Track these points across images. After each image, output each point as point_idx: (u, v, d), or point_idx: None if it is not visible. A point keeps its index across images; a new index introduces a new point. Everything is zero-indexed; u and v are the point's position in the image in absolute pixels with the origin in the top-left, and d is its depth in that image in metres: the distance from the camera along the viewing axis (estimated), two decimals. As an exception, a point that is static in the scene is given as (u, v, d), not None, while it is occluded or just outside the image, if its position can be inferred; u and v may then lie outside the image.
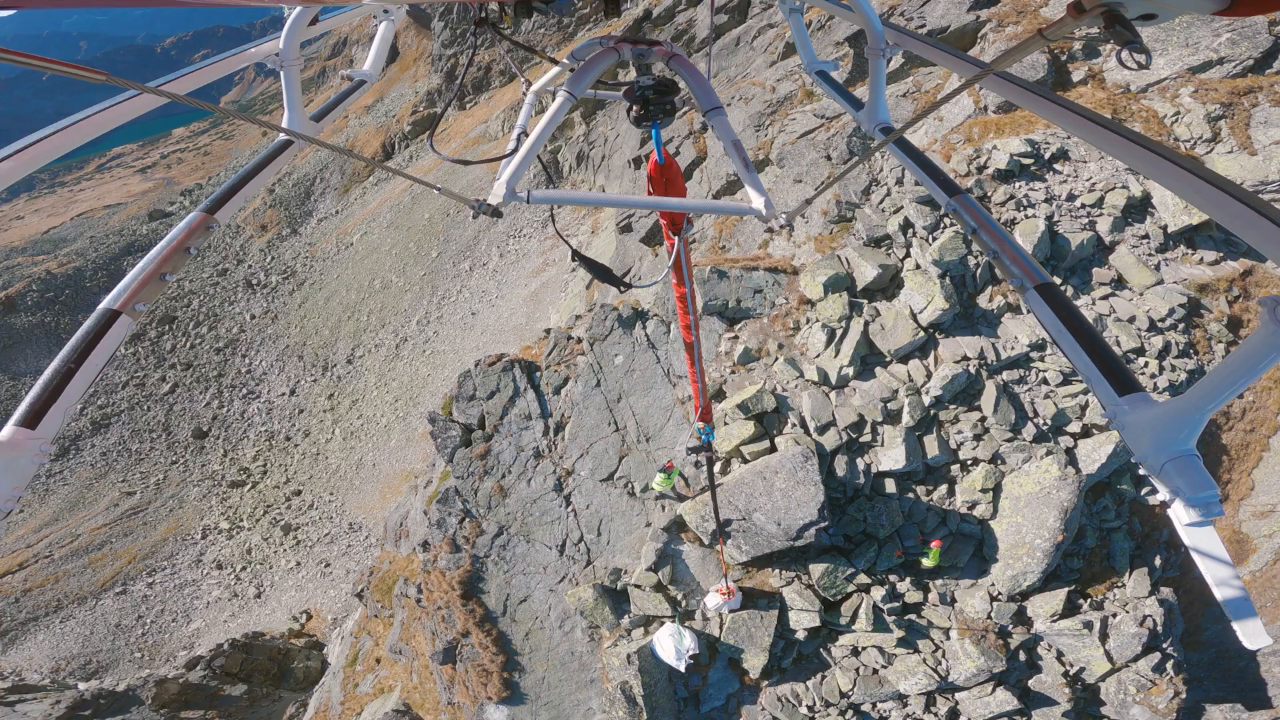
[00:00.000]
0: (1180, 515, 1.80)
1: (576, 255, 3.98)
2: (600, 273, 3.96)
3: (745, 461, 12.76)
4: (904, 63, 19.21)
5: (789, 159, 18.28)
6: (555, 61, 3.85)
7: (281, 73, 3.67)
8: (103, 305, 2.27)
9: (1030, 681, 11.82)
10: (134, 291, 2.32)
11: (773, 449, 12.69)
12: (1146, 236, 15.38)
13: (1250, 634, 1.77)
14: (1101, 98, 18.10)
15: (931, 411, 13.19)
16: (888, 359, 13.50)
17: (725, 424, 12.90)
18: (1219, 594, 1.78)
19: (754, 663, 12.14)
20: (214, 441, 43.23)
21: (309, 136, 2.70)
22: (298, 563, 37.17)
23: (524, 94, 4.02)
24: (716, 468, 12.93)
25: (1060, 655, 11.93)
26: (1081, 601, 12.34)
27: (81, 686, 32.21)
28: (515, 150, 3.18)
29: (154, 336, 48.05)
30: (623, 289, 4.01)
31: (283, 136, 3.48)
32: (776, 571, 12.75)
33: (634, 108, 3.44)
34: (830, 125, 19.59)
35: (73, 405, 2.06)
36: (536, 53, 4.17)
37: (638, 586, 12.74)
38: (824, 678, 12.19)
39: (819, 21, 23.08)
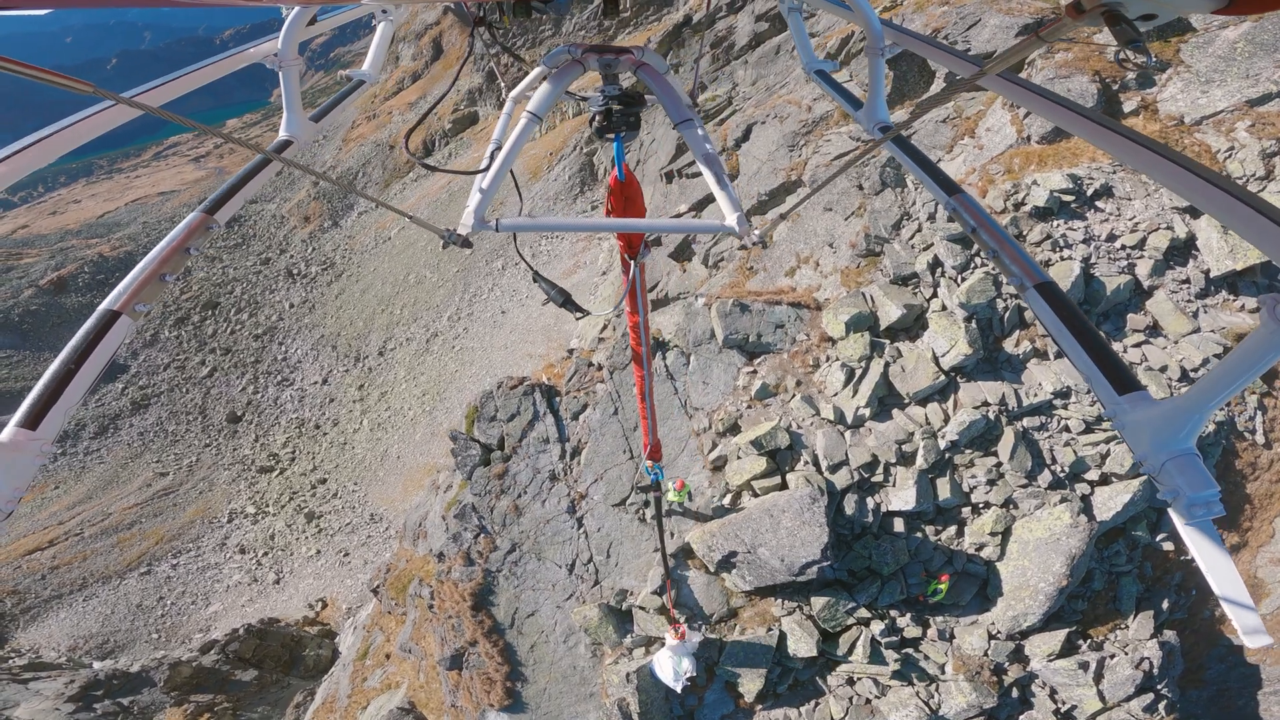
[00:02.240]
0: (1180, 515, 1.81)
1: (537, 277, 4.02)
2: (559, 296, 3.96)
3: (755, 496, 13.38)
4: (945, 87, 19.44)
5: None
6: (534, 64, 3.77)
7: (280, 74, 3.68)
8: (103, 306, 2.32)
9: (1021, 717, 12.31)
10: (134, 292, 2.39)
11: (784, 485, 13.30)
12: (1187, 281, 15.43)
13: (1251, 633, 1.76)
14: (1154, 130, 18.07)
15: (946, 455, 13.62)
16: (906, 401, 13.95)
17: (738, 458, 13.57)
18: (1219, 593, 1.79)
19: (750, 687, 12.81)
20: (247, 426, 45.62)
21: (284, 159, 2.76)
22: (318, 550, 38.82)
23: (503, 98, 3.89)
24: (726, 499, 13.57)
25: (1054, 693, 12.42)
26: (1081, 642, 12.77)
27: (96, 666, 34.10)
28: (488, 167, 3.19)
29: (197, 321, 51.00)
30: (578, 315, 4.35)
31: (282, 137, 3.63)
32: (779, 601, 13.37)
33: (596, 118, 3.38)
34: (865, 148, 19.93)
35: (73, 406, 2.09)
36: (519, 57, 4.15)
37: (642, 608, 13.49)
38: (817, 705, 12.80)
39: (860, 34, 23.39)
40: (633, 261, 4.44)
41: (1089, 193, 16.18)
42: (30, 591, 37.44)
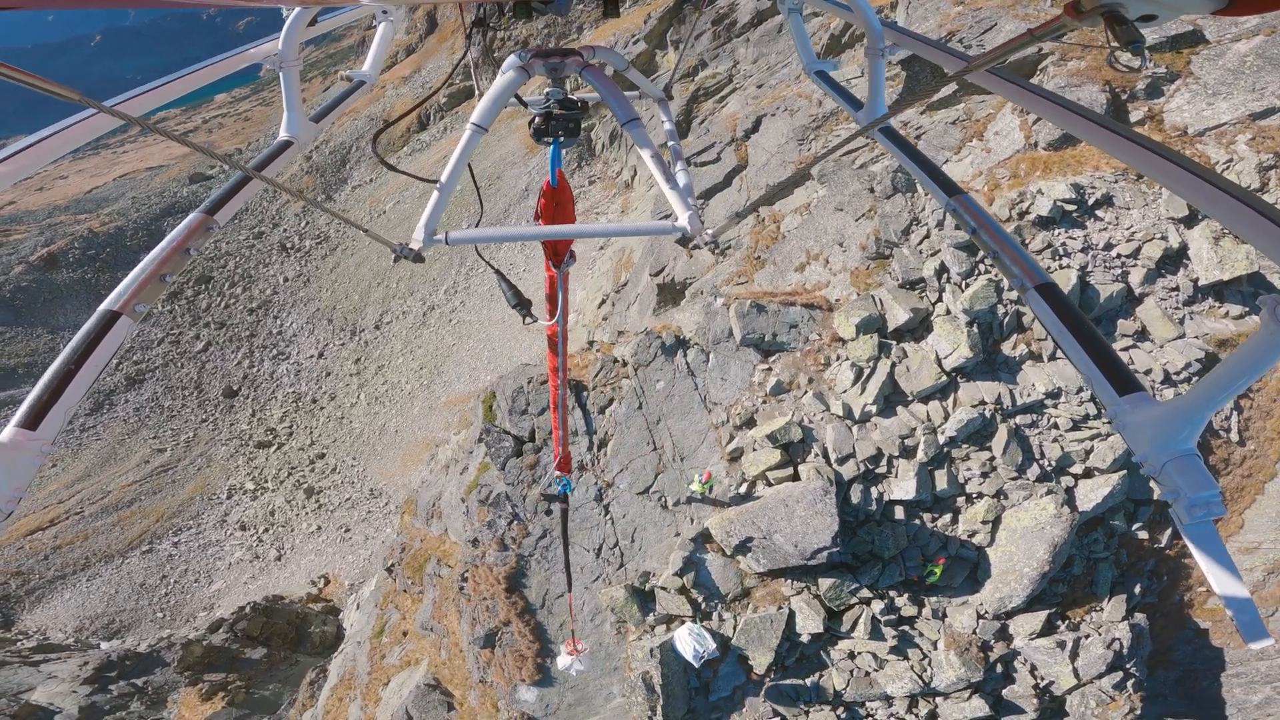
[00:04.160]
0: (1181, 515, 1.88)
1: (501, 277, 4.25)
2: (514, 298, 4.15)
3: (769, 485, 15.31)
4: (956, 89, 20.94)
5: (832, 183, 20.32)
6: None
7: (280, 74, 3.87)
8: (103, 306, 2.43)
9: (1004, 691, 14.58)
10: (134, 292, 2.50)
11: (796, 476, 15.24)
12: (1177, 289, 17.22)
13: (1251, 631, 1.82)
14: (1157, 140, 19.60)
15: (945, 449, 15.57)
16: (910, 399, 15.85)
17: (754, 450, 15.49)
18: (1221, 593, 1.85)
19: (760, 660, 14.87)
20: (243, 401, 47.45)
21: (263, 177, 2.87)
22: (318, 527, 40.77)
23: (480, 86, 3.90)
24: (742, 488, 15.49)
25: (1033, 669, 14.66)
26: (1060, 622, 14.99)
27: (104, 646, 35.98)
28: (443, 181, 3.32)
29: (190, 295, 52.62)
30: (527, 321, 4.27)
31: (282, 138, 3.83)
32: (789, 582, 15.39)
33: (535, 120, 3.46)
34: (875, 146, 21.53)
35: (73, 406, 2.16)
36: (498, 64, 4.57)
37: (664, 589, 15.47)
38: (821, 676, 14.98)
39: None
40: (557, 270, 4.51)
41: (1090, 202, 17.71)
42: (34, 572, 39.36)
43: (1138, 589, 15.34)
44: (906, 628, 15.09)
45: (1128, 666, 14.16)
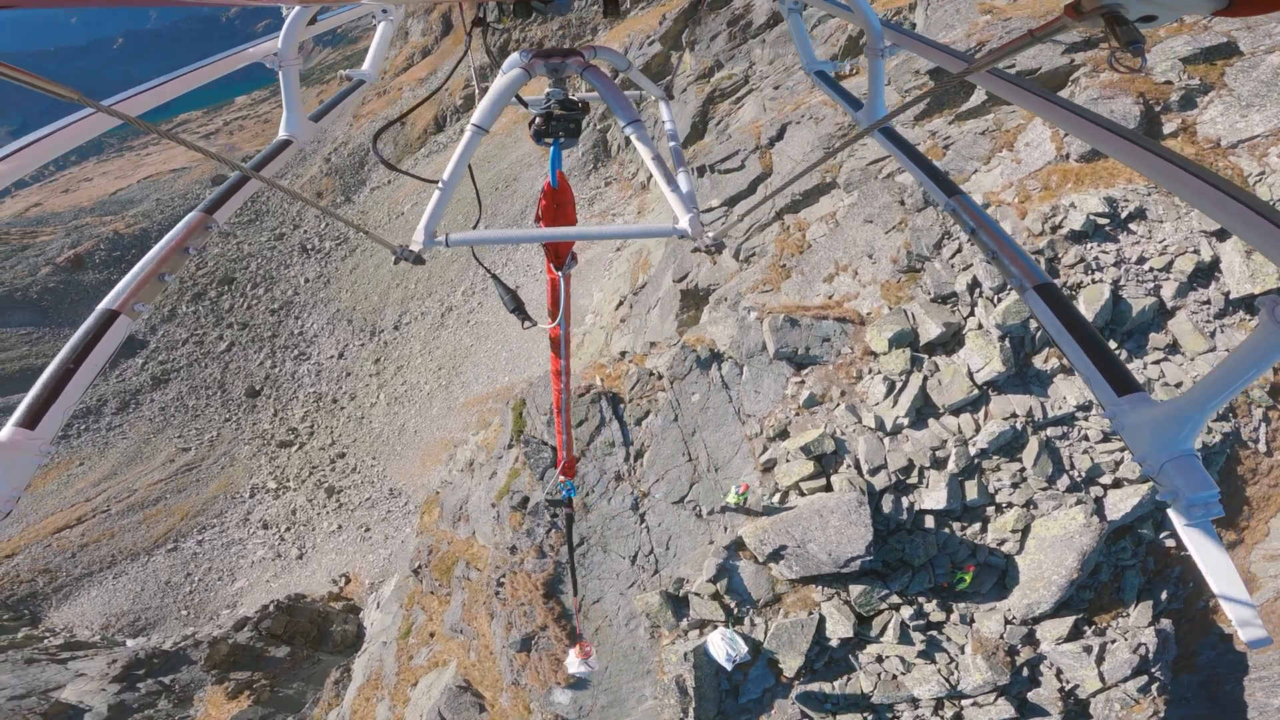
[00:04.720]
0: (1179, 515, 1.91)
1: (495, 279, 4.38)
2: (511, 302, 4.27)
3: (802, 495, 15.86)
4: (985, 99, 21.33)
5: (861, 193, 20.78)
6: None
7: (280, 73, 3.90)
8: (101, 306, 2.46)
9: (1029, 694, 15.12)
10: (133, 292, 2.53)
11: (828, 487, 15.79)
12: (1208, 302, 17.58)
13: (1250, 630, 1.85)
14: (1190, 152, 19.84)
15: (976, 461, 16.07)
16: (941, 411, 16.35)
17: (787, 461, 16.06)
18: (1218, 592, 1.88)
19: (790, 663, 15.45)
20: (265, 401, 48.68)
21: (261, 177, 2.88)
22: (339, 526, 41.71)
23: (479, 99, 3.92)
24: (775, 498, 16.04)
25: (1059, 673, 15.21)
26: (1086, 628, 15.55)
27: (130, 644, 36.90)
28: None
29: (214, 296, 54.13)
30: (526, 325, 4.34)
31: (281, 137, 3.91)
32: (820, 589, 15.95)
33: (535, 120, 3.50)
34: (907, 156, 21.89)
35: (72, 405, 2.18)
36: (498, 63, 4.23)
37: (697, 595, 16.07)
38: (849, 679, 15.51)
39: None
40: (559, 273, 4.53)
41: (1123, 215, 18.02)
42: (61, 570, 40.56)
43: (1164, 595, 15.83)
44: (934, 633, 15.62)
45: (1153, 670, 14.67)
